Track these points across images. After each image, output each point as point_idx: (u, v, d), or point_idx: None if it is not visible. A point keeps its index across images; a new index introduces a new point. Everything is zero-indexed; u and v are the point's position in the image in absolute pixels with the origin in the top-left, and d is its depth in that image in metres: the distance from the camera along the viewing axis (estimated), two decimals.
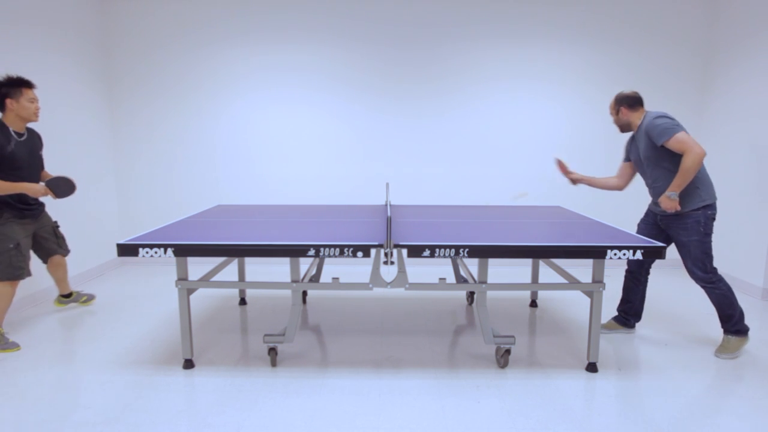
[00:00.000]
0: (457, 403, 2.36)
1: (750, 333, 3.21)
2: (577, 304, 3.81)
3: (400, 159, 4.88)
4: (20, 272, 2.98)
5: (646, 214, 3.09)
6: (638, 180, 4.87)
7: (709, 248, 2.79)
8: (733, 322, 2.84)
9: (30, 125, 3.21)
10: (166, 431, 2.12)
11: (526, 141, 4.83)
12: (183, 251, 2.42)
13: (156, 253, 2.41)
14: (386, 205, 3.66)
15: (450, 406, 2.33)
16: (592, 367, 2.68)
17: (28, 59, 3.73)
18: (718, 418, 2.24)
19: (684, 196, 2.76)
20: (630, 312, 3.21)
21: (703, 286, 2.83)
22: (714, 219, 2.79)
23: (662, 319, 3.51)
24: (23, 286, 3.64)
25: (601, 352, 2.93)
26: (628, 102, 2.90)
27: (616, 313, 3.33)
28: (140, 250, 2.41)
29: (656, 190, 2.89)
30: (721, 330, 2.94)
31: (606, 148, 4.81)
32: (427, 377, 2.61)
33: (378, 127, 4.83)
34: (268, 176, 4.92)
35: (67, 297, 3.70)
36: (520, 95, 4.77)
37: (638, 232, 3.08)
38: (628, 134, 3.27)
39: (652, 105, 4.76)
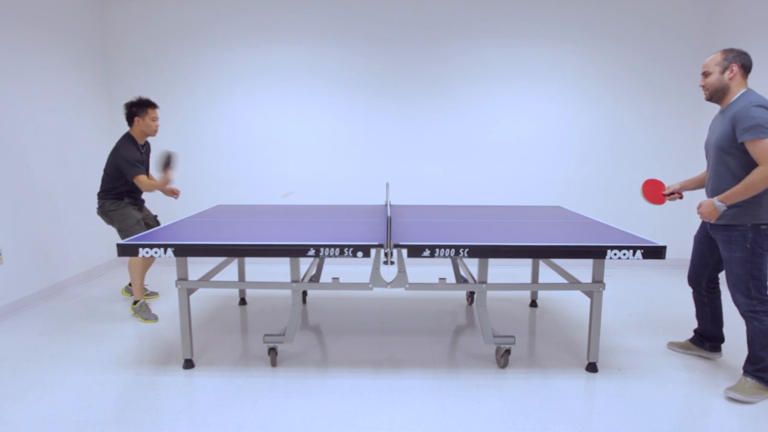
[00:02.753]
0: (457, 403, 2.36)
1: None
2: (577, 304, 3.81)
3: (400, 159, 4.88)
4: None
5: (702, 223, 2.71)
6: (633, 178, 4.87)
7: (759, 271, 2.31)
8: (761, 366, 2.36)
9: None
10: (166, 431, 2.12)
11: (527, 140, 4.83)
12: (183, 251, 2.42)
13: (156, 253, 2.41)
14: (386, 205, 3.66)
15: (450, 406, 2.33)
16: (592, 367, 2.68)
17: (28, 61, 3.73)
18: (718, 418, 2.24)
19: (738, 208, 2.32)
20: (704, 333, 2.80)
21: (742, 314, 2.38)
22: None
23: (662, 319, 3.51)
24: (33, 284, 3.66)
25: (601, 352, 2.93)
26: (746, 62, 2.23)
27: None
28: (140, 250, 2.41)
29: (709, 187, 2.47)
30: (742, 367, 2.53)
31: (608, 147, 4.81)
32: (427, 377, 2.61)
33: (378, 127, 4.83)
34: (269, 176, 4.92)
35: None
36: (521, 94, 4.77)
37: (693, 246, 2.73)
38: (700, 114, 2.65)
39: (653, 104, 4.76)
